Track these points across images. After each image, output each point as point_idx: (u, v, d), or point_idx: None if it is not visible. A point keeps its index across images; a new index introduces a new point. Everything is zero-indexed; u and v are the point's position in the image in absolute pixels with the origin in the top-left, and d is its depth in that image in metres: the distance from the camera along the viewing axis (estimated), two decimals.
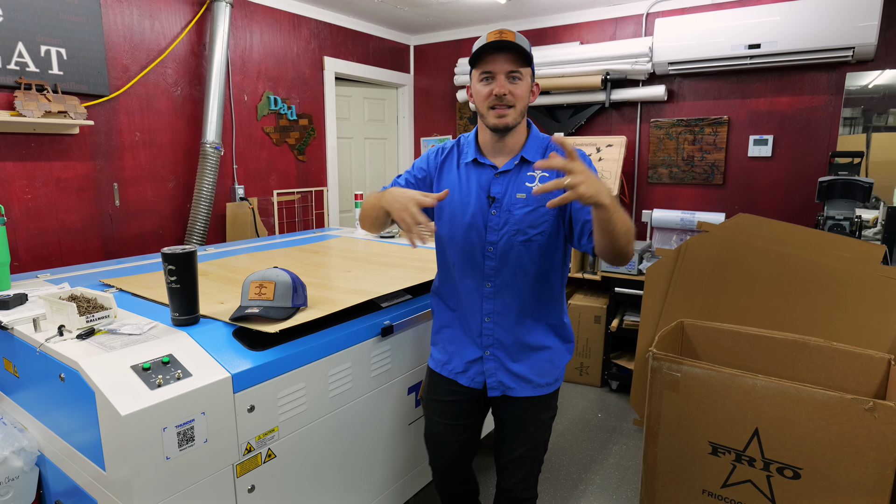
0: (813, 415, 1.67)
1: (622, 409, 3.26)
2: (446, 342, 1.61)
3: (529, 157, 1.46)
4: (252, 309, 1.44)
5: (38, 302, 1.58)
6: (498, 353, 1.52)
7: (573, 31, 3.86)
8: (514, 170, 1.46)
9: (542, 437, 1.60)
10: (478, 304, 1.51)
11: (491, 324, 1.50)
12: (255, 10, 3.36)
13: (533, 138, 1.50)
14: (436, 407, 1.65)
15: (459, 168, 1.53)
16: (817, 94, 3.14)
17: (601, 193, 1.12)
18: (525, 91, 1.41)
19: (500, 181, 1.46)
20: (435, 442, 1.69)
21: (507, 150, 1.48)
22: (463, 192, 1.50)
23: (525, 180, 1.45)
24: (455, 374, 1.58)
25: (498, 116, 1.40)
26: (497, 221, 1.45)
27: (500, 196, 1.45)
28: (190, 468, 1.22)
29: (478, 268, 1.49)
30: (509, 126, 1.41)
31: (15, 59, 2.28)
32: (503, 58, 1.36)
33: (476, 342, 1.53)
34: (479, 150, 1.52)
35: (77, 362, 1.20)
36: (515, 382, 1.52)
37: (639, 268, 3.30)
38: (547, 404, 1.58)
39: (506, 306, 1.49)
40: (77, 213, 2.61)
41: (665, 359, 1.96)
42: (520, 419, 1.57)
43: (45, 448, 1.46)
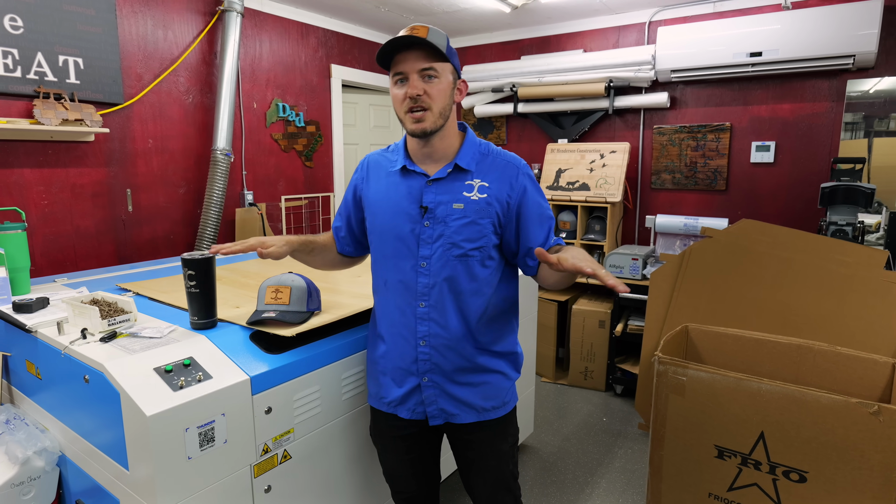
0: (818, 418, 1.70)
1: (627, 413, 3.29)
2: (379, 373, 1.47)
3: (464, 164, 1.34)
4: (269, 313, 1.48)
5: (59, 305, 1.63)
6: (436, 378, 1.39)
7: (576, 40, 3.91)
8: (447, 178, 1.35)
9: (507, 469, 1.48)
10: (412, 327, 1.38)
11: (427, 347, 1.37)
12: (265, 20, 3.41)
13: (469, 144, 1.38)
14: (382, 442, 1.54)
15: (389, 176, 1.41)
16: (819, 101, 3.17)
17: None
18: (443, 90, 1.28)
19: (433, 190, 1.34)
20: (390, 476, 1.59)
21: (438, 157, 1.36)
22: (392, 202, 1.38)
23: (462, 189, 1.34)
24: (394, 408, 1.45)
25: (415, 121, 1.28)
26: (430, 234, 1.34)
27: (434, 206, 1.33)
28: (210, 468, 1.26)
29: (410, 286, 1.37)
30: (427, 131, 1.29)
31: (34, 68, 2.34)
32: (414, 55, 1.25)
33: (412, 368, 1.40)
34: (409, 157, 1.39)
35: (102, 364, 1.24)
36: (458, 408, 1.41)
37: (643, 273, 3.34)
38: (504, 431, 1.47)
39: (442, 328, 1.36)
40: (91, 219, 2.65)
41: (671, 363, 1.99)
42: (478, 453, 1.46)
43: (67, 448, 1.50)
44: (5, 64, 2.25)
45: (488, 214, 1.33)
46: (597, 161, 3.67)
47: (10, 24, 2.26)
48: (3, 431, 1.52)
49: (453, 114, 1.35)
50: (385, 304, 1.44)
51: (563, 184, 3.73)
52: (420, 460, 1.54)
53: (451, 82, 1.31)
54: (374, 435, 1.57)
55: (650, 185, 3.75)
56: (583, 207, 3.65)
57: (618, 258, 3.39)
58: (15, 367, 1.67)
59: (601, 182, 3.59)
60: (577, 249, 1.21)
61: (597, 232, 3.65)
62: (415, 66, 1.26)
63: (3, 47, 2.24)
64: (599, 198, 3.54)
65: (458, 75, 1.35)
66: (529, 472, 2.63)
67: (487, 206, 1.33)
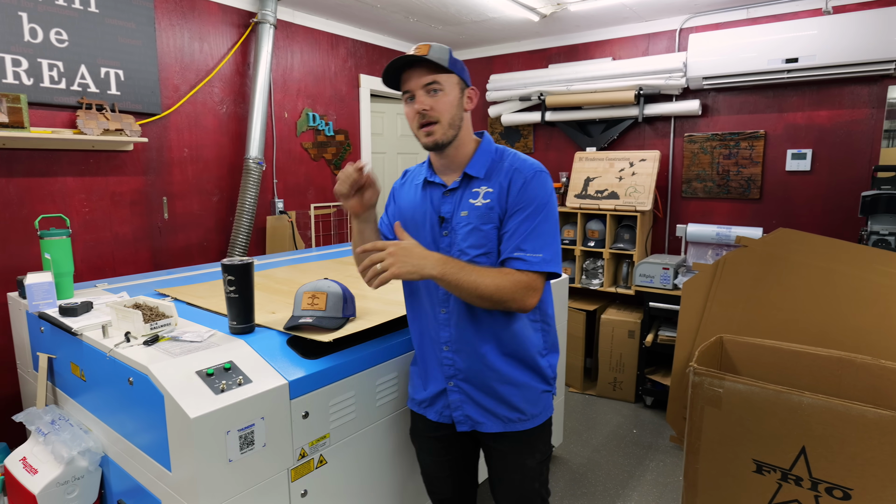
0: (863, 434, 1.64)
1: (658, 425, 3.23)
2: (415, 375, 1.53)
3: (473, 172, 1.36)
4: (305, 318, 1.49)
5: (103, 309, 1.67)
6: (461, 384, 1.40)
7: (605, 48, 3.89)
8: (460, 187, 1.37)
9: (531, 486, 1.45)
10: (436, 333, 1.41)
11: (450, 353, 1.40)
12: (296, 31, 3.48)
13: (481, 152, 1.39)
14: (421, 443, 1.57)
15: (416, 189, 1.46)
16: (858, 108, 3.10)
17: (423, 267, 1.20)
18: (449, 102, 1.31)
19: (449, 199, 1.38)
20: (427, 477, 1.60)
21: (454, 167, 1.39)
22: (417, 213, 1.43)
23: (469, 197, 1.36)
24: (423, 409, 1.49)
25: (426, 135, 1.32)
26: (448, 242, 1.37)
27: (449, 215, 1.37)
28: (249, 471, 1.27)
29: (432, 293, 1.40)
30: (439, 143, 1.32)
31: (78, 80, 2.42)
32: (417, 72, 1.29)
33: (439, 372, 1.43)
34: (432, 169, 1.44)
35: (146, 367, 1.26)
36: (483, 416, 1.40)
37: (674, 282, 3.28)
38: (531, 446, 1.44)
39: (463, 334, 1.38)
40: (129, 226, 2.72)
41: (707, 374, 1.95)
42: (503, 465, 1.45)
43: (109, 449, 1.53)
44: (51, 76, 2.34)
45: (490, 220, 1.33)
46: (626, 169, 3.64)
47: (56, 38, 2.34)
48: (48, 431, 1.56)
49: (467, 123, 1.38)
50: (415, 309, 1.48)
51: (591, 192, 3.70)
52: (455, 463, 1.55)
53: (458, 93, 1.33)
54: (412, 434, 1.60)
55: (681, 194, 3.70)
56: (612, 216, 3.61)
57: (648, 267, 3.34)
58: (59, 369, 1.71)
59: (630, 191, 3.56)
60: (402, 248, 1.22)
61: (626, 241, 3.61)
62: (419, 82, 1.29)
63: (49, 60, 2.32)
64: (629, 206, 3.50)
65: (466, 84, 1.36)
66: (559, 484, 2.59)
67: (489, 212, 1.33)
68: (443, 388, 1.43)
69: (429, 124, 1.31)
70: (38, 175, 2.38)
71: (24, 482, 1.48)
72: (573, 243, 3.77)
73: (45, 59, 2.31)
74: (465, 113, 1.36)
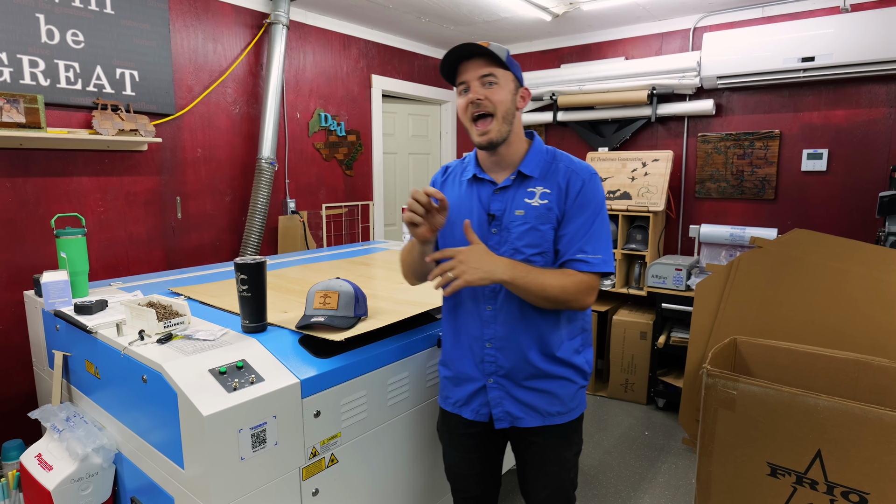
0: (881, 437, 1.62)
1: (670, 427, 3.20)
2: (447, 373, 1.53)
3: (528, 171, 1.37)
4: (317, 318, 1.50)
5: (117, 308, 1.68)
6: (502, 381, 1.41)
7: (618, 47, 3.87)
8: (513, 185, 1.38)
9: (567, 476, 1.49)
10: (479, 330, 1.41)
11: (493, 350, 1.40)
12: (309, 32, 3.49)
13: (534, 151, 1.41)
14: (451, 440, 1.56)
15: (462, 185, 1.46)
16: (875, 107, 3.05)
17: (494, 272, 1.22)
18: (505, 96, 1.32)
19: (500, 198, 1.39)
20: (453, 475, 1.61)
21: (505, 164, 1.40)
22: (463, 209, 1.43)
23: (524, 196, 1.37)
24: (458, 408, 1.48)
25: (480, 134, 1.33)
26: (497, 240, 1.37)
27: (500, 213, 1.38)
28: (261, 469, 1.28)
29: (477, 290, 1.40)
30: (493, 141, 1.33)
31: (94, 81, 2.44)
32: (474, 64, 1.32)
33: (479, 370, 1.43)
34: (479, 165, 1.45)
35: (160, 365, 1.27)
36: (523, 412, 1.42)
37: (687, 283, 3.26)
38: (568, 440, 1.47)
39: (508, 331, 1.39)
40: (143, 225, 2.75)
41: (720, 376, 1.93)
42: (541, 458, 1.47)
43: (123, 446, 1.54)
44: (67, 77, 2.36)
45: (548, 220, 1.35)
46: (638, 169, 3.61)
47: (73, 39, 2.37)
48: (63, 428, 1.57)
49: (518, 121, 1.39)
50: (454, 307, 1.47)
51: None
52: (484, 461, 1.56)
53: (513, 90, 1.35)
54: (441, 431, 1.59)
55: (694, 194, 3.66)
56: (624, 216, 3.59)
57: (660, 268, 3.32)
58: (74, 366, 1.73)
59: (643, 191, 3.53)
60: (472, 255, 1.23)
61: (638, 241, 3.59)
62: (476, 73, 1.31)
63: (65, 61, 2.35)
64: (641, 207, 3.48)
65: (520, 84, 1.38)
66: None
67: (548, 212, 1.35)
68: (481, 386, 1.44)
69: (482, 116, 1.32)
70: (54, 175, 2.41)
71: (40, 478, 1.50)
72: None
73: (61, 60, 2.34)
74: (517, 111, 1.38)
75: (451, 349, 1.50)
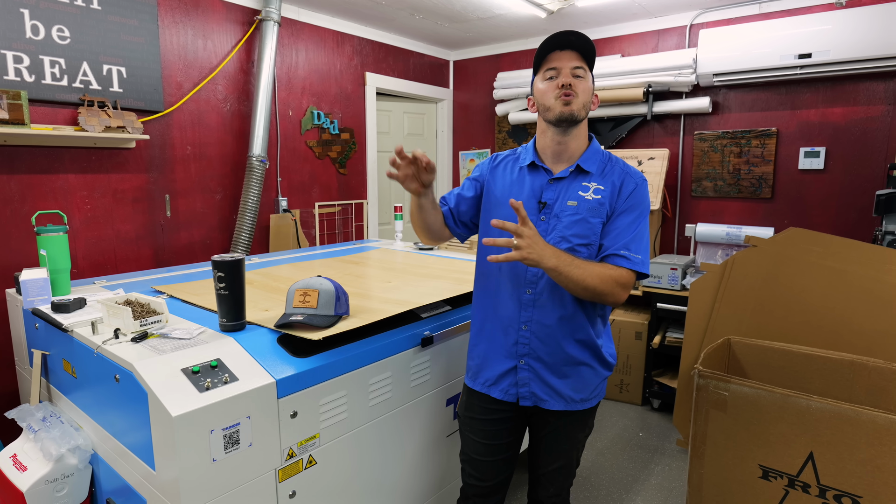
0: (874, 439, 1.59)
1: (664, 428, 3.17)
2: (480, 351, 1.56)
3: (586, 166, 1.44)
4: (296, 316, 1.46)
5: (95, 306, 1.66)
6: (533, 363, 1.47)
7: (614, 44, 3.83)
8: (569, 177, 1.44)
9: (575, 455, 1.59)
10: (516, 312, 1.47)
11: (528, 332, 1.46)
12: (301, 29, 3.47)
13: (593, 150, 1.47)
14: (473, 425, 1.59)
15: (514, 172, 1.52)
16: (873, 104, 3.02)
17: (544, 258, 1.26)
18: (588, 89, 1.41)
19: (554, 187, 1.45)
20: (472, 462, 1.61)
21: (566, 157, 1.46)
22: (514, 194, 1.48)
23: (578, 189, 1.43)
24: (487, 387, 1.53)
25: (565, 103, 1.37)
26: (545, 227, 1.43)
27: (552, 202, 1.44)
28: (234, 471, 1.25)
29: (520, 273, 1.45)
30: (574, 114, 1.38)
31: (80, 77, 2.42)
32: (568, 55, 1.39)
33: (511, 351, 1.49)
34: (538, 155, 1.50)
35: (132, 364, 1.24)
36: (549, 395, 1.48)
37: (682, 283, 3.22)
38: (584, 423, 1.56)
39: (545, 316, 1.44)
40: (131, 223, 2.72)
41: (712, 377, 1.89)
42: (555, 436, 1.55)
43: (99, 447, 1.52)
44: (52, 73, 2.34)
45: (599, 214, 1.41)
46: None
47: (58, 35, 2.35)
48: (39, 428, 1.55)
49: (586, 119, 1.46)
50: (494, 289, 1.52)
51: None
52: (506, 447, 1.59)
53: (592, 88, 1.44)
54: (466, 417, 1.61)
55: (690, 193, 3.63)
56: None
57: (656, 268, 3.28)
58: (53, 365, 1.71)
59: None
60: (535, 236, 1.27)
61: None
62: (570, 63, 1.39)
63: (51, 57, 2.33)
64: None
65: (594, 85, 1.46)
66: None
67: (600, 207, 1.41)
68: (512, 366, 1.49)
69: (569, 95, 1.37)
70: (39, 172, 2.39)
71: (13, 479, 1.47)
72: None
73: (46, 55, 2.31)
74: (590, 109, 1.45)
75: (484, 330, 1.55)
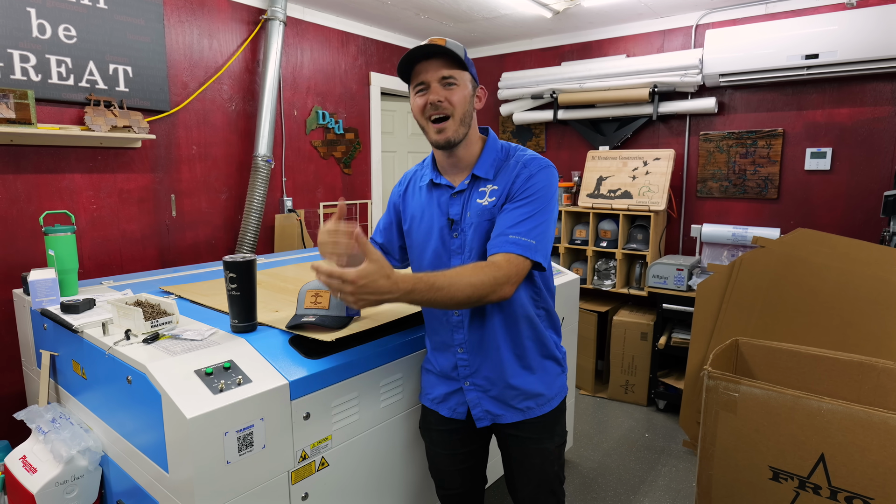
0: (886, 441, 1.58)
1: (670, 429, 3.16)
2: (427, 373, 1.56)
3: (482, 173, 1.36)
4: (308, 317, 1.46)
5: (105, 307, 1.65)
6: (478, 381, 1.42)
7: (619, 45, 3.82)
8: (468, 188, 1.37)
9: (551, 469, 1.48)
10: (449, 335, 1.43)
11: (465, 354, 1.41)
12: (307, 28, 3.46)
13: (488, 151, 1.38)
14: (431, 437, 1.57)
15: (421, 192, 1.45)
16: (880, 105, 3.01)
17: (384, 295, 1.07)
18: (463, 98, 1.30)
19: (457, 201, 1.37)
20: (437, 471, 1.61)
21: (462, 166, 1.38)
22: (425, 216, 1.42)
23: (477, 197, 1.35)
24: (436, 405, 1.51)
25: (437, 132, 1.30)
26: (458, 244, 1.36)
27: (458, 217, 1.36)
28: (248, 473, 1.24)
29: None
30: (451, 141, 1.30)
31: (86, 77, 2.41)
32: (434, 64, 1.28)
33: (453, 374, 1.45)
34: (437, 169, 1.43)
35: (144, 365, 1.24)
36: (502, 409, 1.42)
37: (688, 284, 3.21)
38: (550, 430, 1.46)
39: (478, 335, 1.39)
40: (137, 223, 2.71)
41: (722, 378, 1.89)
42: (523, 451, 1.46)
43: (109, 448, 1.51)
44: (59, 72, 2.33)
45: (493, 215, 1.33)
46: (639, 168, 3.57)
47: (65, 34, 2.34)
48: (49, 430, 1.54)
49: (475, 122, 1.37)
50: (428, 313, 1.50)
51: (604, 192, 3.64)
52: (466, 457, 1.56)
53: (471, 90, 1.34)
54: (422, 429, 1.61)
55: (696, 194, 3.62)
56: (624, 216, 3.55)
57: (661, 268, 3.28)
58: (62, 366, 1.70)
59: (644, 190, 3.49)
60: (374, 282, 1.06)
61: (639, 241, 3.55)
62: (436, 74, 1.28)
63: (57, 56, 2.32)
64: (642, 206, 3.44)
65: (476, 83, 1.37)
66: (569, 488, 2.54)
67: (492, 209, 1.33)
68: (458, 388, 1.46)
69: (441, 119, 1.29)
70: (45, 172, 2.38)
71: (23, 481, 1.47)
72: (585, 243, 3.71)
73: (53, 55, 2.31)
74: (474, 112, 1.36)
75: (430, 349, 1.54)
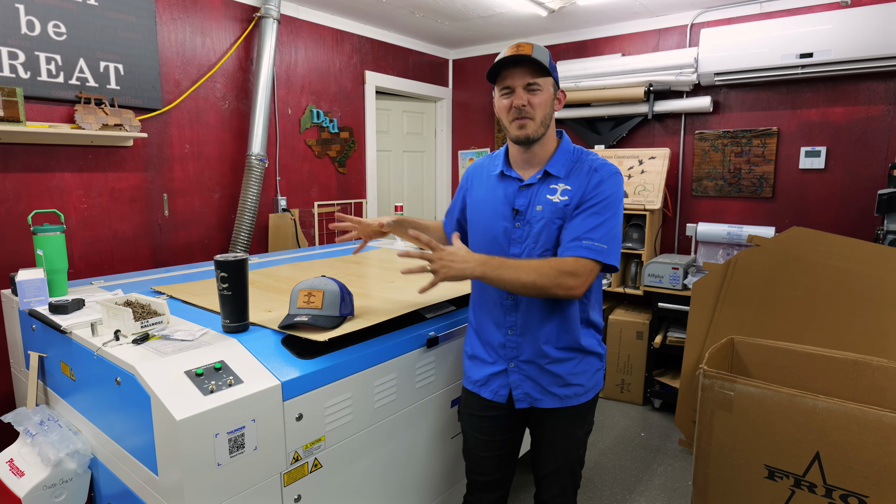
0: (880, 439, 1.58)
1: (666, 428, 3.16)
2: (469, 356, 1.62)
3: (554, 170, 1.45)
4: (301, 317, 1.44)
5: (94, 307, 1.63)
6: (522, 365, 1.50)
7: (615, 44, 3.82)
8: (538, 183, 1.46)
9: (576, 453, 1.58)
10: (501, 317, 1.51)
11: (514, 336, 1.49)
12: (301, 27, 3.44)
13: (561, 151, 1.48)
14: (472, 422, 1.62)
15: (489, 180, 1.55)
16: (874, 104, 3.01)
17: (465, 271, 1.32)
18: (545, 101, 1.41)
19: (524, 194, 1.47)
20: (472, 457, 1.66)
21: (535, 162, 1.48)
22: (489, 204, 1.52)
23: (547, 192, 1.44)
24: (478, 388, 1.57)
25: (519, 127, 1.41)
26: (520, 234, 1.46)
27: (524, 209, 1.46)
28: (240, 475, 1.23)
29: None
30: (530, 137, 1.42)
31: (76, 74, 2.38)
32: (520, 71, 1.39)
33: (500, 354, 1.52)
34: (508, 163, 1.53)
35: (133, 366, 1.22)
36: (542, 394, 1.50)
37: (684, 282, 3.21)
38: (581, 419, 1.56)
39: (528, 319, 1.47)
40: (129, 223, 2.69)
41: (717, 376, 1.88)
42: (553, 434, 1.55)
43: (98, 451, 1.49)
44: (48, 70, 2.30)
45: (565, 215, 1.41)
46: (635, 167, 3.57)
47: (54, 31, 2.31)
48: (37, 433, 1.52)
49: (552, 123, 1.47)
50: (481, 294, 1.56)
51: None
52: (504, 444, 1.61)
53: (552, 94, 1.44)
54: (465, 413, 1.65)
55: (691, 193, 3.62)
56: None
57: (657, 267, 3.27)
58: (50, 368, 1.68)
59: (640, 189, 3.49)
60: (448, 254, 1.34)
61: (635, 240, 3.54)
62: (521, 80, 1.39)
63: (46, 53, 2.29)
64: (638, 205, 3.43)
65: (557, 87, 1.46)
66: None
67: (565, 208, 1.41)
68: (503, 369, 1.52)
69: (525, 118, 1.40)
70: (34, 170, 2.35)
71: (10, 485, 1.44)
72: None
73: (42, 52, 2.28)
74: (553, 113, 1.46)
75: (475, 332, 1.60)
